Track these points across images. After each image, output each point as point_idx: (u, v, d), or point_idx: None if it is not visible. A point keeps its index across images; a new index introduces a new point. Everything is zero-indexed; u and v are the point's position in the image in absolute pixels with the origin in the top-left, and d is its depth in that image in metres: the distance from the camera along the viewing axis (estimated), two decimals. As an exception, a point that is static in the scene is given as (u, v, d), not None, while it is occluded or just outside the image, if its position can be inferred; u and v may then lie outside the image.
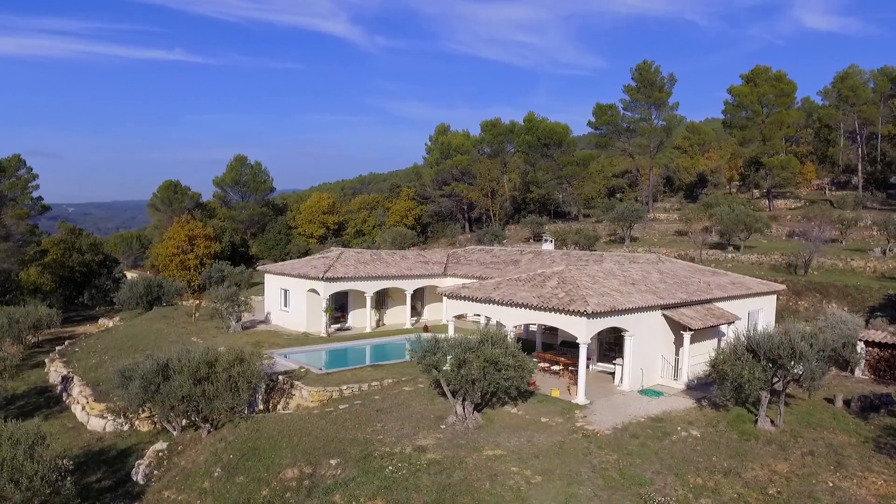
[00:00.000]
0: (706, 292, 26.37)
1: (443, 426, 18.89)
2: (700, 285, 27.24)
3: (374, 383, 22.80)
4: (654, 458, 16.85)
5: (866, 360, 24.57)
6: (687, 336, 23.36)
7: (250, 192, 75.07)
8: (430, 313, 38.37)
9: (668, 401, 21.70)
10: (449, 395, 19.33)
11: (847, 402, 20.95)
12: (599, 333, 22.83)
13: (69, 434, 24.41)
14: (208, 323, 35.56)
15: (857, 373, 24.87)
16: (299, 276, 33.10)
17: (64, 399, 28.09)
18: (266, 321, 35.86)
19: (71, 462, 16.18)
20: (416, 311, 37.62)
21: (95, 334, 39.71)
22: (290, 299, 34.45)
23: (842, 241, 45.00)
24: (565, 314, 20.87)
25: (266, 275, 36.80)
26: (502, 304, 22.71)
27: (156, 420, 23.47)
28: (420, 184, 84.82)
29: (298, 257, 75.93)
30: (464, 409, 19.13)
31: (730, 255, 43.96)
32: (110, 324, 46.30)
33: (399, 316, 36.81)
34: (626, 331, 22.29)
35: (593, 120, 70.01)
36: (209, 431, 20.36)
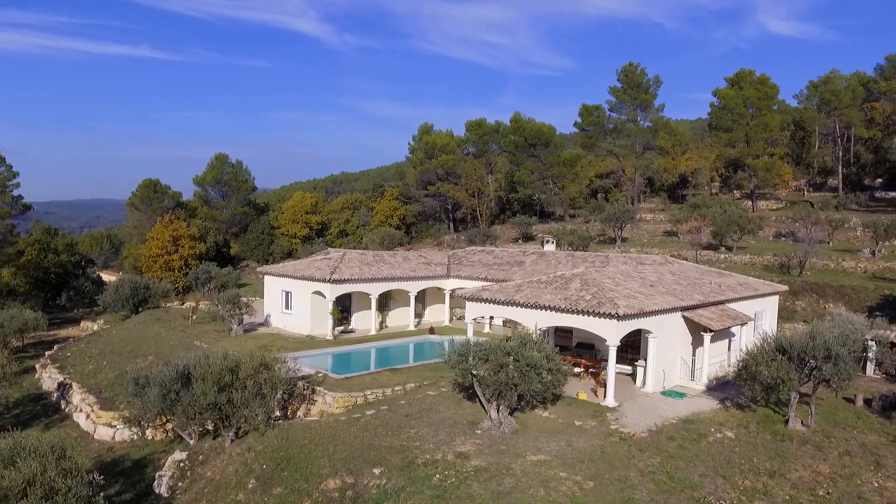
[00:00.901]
0: (719, 293, 26.61)
1: (478, 431, 18.63)
2: (711, 286, 27.47)
3: (396, 388, 22.39)
4: (696, 461, 16.87)
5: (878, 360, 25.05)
6: (707, 337, 23.52)
7: (232, 191, 73.61)
8: (432, 315, 38.04)
9: (693, 402, 21.79)
10: (483, 399, 19.07)
11: (868, 402, 21.32)
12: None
13: (75, 444, 23.43)
14: (207, 326, 34.62)
15: (870, 372, 25.36)
16: (303, 277, 32.43)
17: (63, 407, 27.05)
18: (266, 324, 35.07)
19: (102, 477, 15.42)
20: (416, 313, 37.22)
21: (84, 338, 38.37)
22: (292, 301, 33.73)
23: (829, 242, 46.00)
24: (595, 316, 20.79)
25: (266, 276, 35.98)
26: (527, 306, 22.53)
27: (168, 429, 22.71)
28: (404, 183, 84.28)
29: (283, 258, 74.89)
30: (498, 413, 18.89)
31: (723, 256, 44.58)
32: (95, 327, 44.90)
33: (402, 318, 36.40)
34: (649, 332, 22.32)
35: (579, 121, 70.46)
36: (232, 440, 19.73)
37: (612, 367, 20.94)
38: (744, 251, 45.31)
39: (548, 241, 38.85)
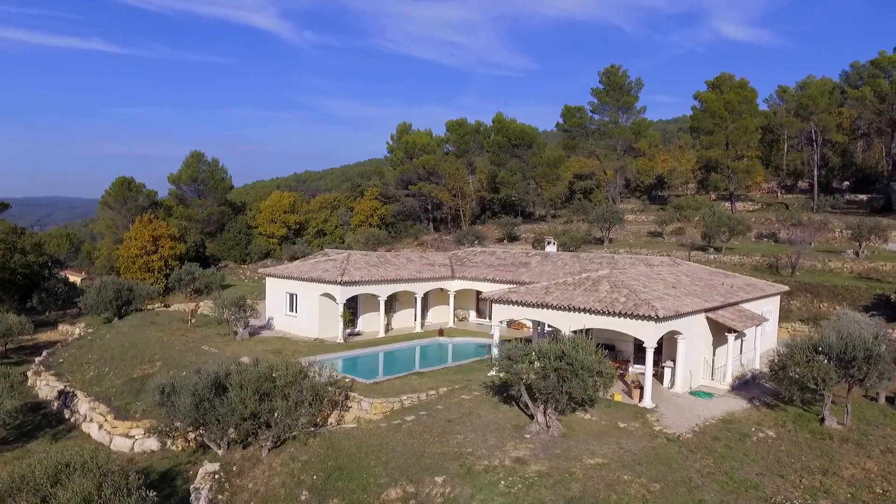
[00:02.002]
0: (733, 294, 27.14)
1: (527, 435, 18.52)
2: (724, 287, 28.00)
3: (430, 392, 22.11)
4: (747, 461, 17.12)
5: None
6: (731, 338, 23.94)
7: (209, 190, 71.69)
8: (434, 316, 37.74)
9: (722, 402, 22.13)
10: (530, 403, 18.97)
11: (889, 399, 22.02)
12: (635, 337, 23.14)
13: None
14: (208, 329, 33.62)
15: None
16: (311, 279, 31.76)
17: (67, 417, 25.85)
18: (268, 327, 34.24)
19: (155, 494, 14.71)
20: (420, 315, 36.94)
21: (72, 342, 36.79)
22: (298, 304, 33.01)
23: (811, 243, 47.45)
24: (633, 319, 20.91)
25: (268, 278, 35.11)
26: (560, 308, 22.51)
27: (189, 438, 21.89)
28: (382, 183, 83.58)
29: (260, 258, 73.47)
30: (545, 417, 18.82)
31: (712, 257, 45.53)
32: (77, 331, 43.16)
33: (406, 320, 36.07)
34: (679, 333, 22.56)
35: (561, 122, 71.12)
36: (269, 450, 19.10)
37: (650, 369, 21.11)
38: (732, 252, 46.39)
39: (549, 243, 38.97)
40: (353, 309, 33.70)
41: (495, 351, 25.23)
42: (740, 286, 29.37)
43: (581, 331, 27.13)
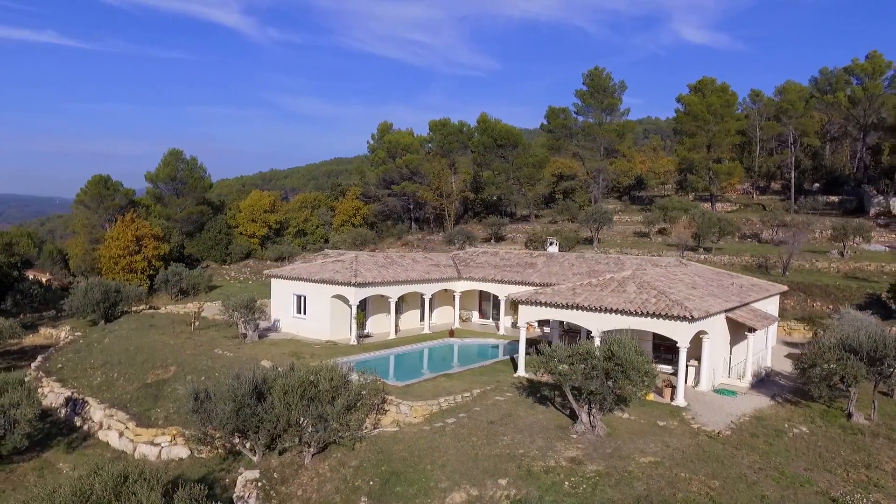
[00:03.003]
0: (745, 294, 27.86)
1: (574, 435, 18.71)
2: (735, 287, 28.72)
3: (465, 394, 22.11)
4: (790, 456, 17.65)
5: None
6: (751, 337, 24.59)
7: (188, 189, 69.98)
8: (438, 317, 37.70)
9: (747, 399, 22.73)
10: (574, 403, 19.16)
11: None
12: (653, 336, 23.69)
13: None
14: (213, 332, 32.91)
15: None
16: (322, 281, 31.37)
17: (79, 424, 24.94)
18: (274, 329, 33.68)
19: None
20: (424, 316, 36.86)
21: (64, 347, 35.46)
22: (307, 306, 32.57)
23: (801, 244, 48.95)
24: (667, 319, 21.31)
25: (273, 280, 34.53)
26: (591, 309, 22.78)
27: (217, 445, 21.38)
28: (363, 182, 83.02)
29: (242, 258, 72.14)
30: (589, 417, 19.04)
31: (702, 257, 46.59)
32: (63, 334, 41.70)
33: (412, 321, 35.96)
34: (705, 333, 23.06)
35: (545, 122, 71.79)
36: (312, 455, 18.81)
37: (683, 369, 21.55)
38: (721, 252, 47.55)
39: (550, 243, 39.34)
40: (362, 311, 33.41)
41: (522, 352, 25.44)
42: (747, 286, 30.17)
43: (568, 328, 27.51)
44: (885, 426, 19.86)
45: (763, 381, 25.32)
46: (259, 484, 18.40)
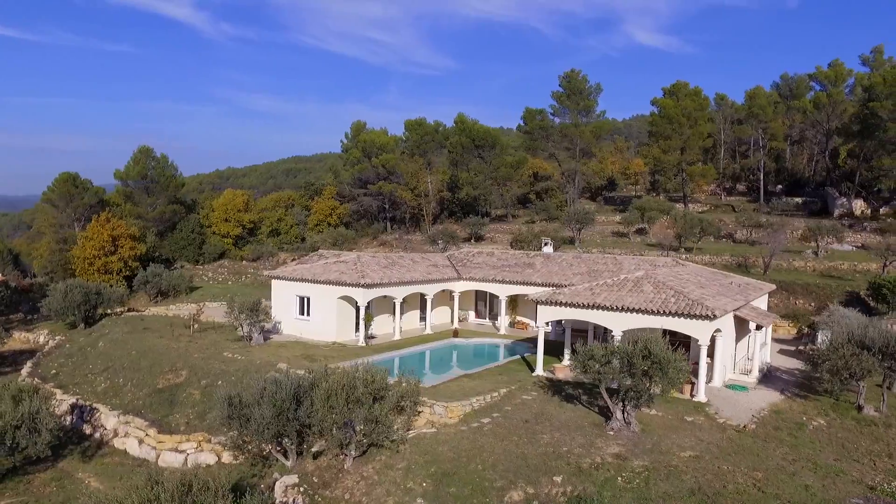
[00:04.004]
0: (745, 293, 28.97)
1: (610, 432, 19.21)
2: (734, 287, 29.82)
3: (493, 394, 22.40)
4: (817, 447, 18.56)
5: None
6: (759, 334, 25.62)
7: (159, 188, 68.14)
8: (436, 317, 37.84)
9: (759, 394, 23.71)
10: (609, 401, 19.67)
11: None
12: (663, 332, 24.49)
13: (134, 475, 21.12)
14: (215, 335, 32.30)
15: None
16: (329, 282, 31.15)
17: (90, 432, 24.16)
18: (276, 331, 33.24)
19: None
20: (422, 317, 37.02)
21: (50, 352, 34.24)
22: (311, 307, 32.28)
23: (767, 244, 50.98)
24: (688, 318, 22.03)
25: (274, 281, 34.06)
26: (612, 309, 23.35)
27: (253, 450, 21.01)
28: (337, 181, 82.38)
29: (216, 258, 70.64)
30: (623, 414, 19.58)
31: (684, 257, 48.01)
32: (41, 339, 40.21)
33: (412, 321, 36.02)
34: (719, 331, 23.92)
35: (522, 123, 72.67)
36: (354, 459, 18.76)
37: (704, 366, 22.30)
38: (702, 252, 49.12)
39: (546, 244, 39.97)
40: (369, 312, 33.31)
41: (540, 351, 25.88)
42: (743, 285, 31.34)
43: (566, 326, 28.05)
44: (895, 418, 21.02)
45: (767, 377, 26.40)
46: (300, 489, 18.29)
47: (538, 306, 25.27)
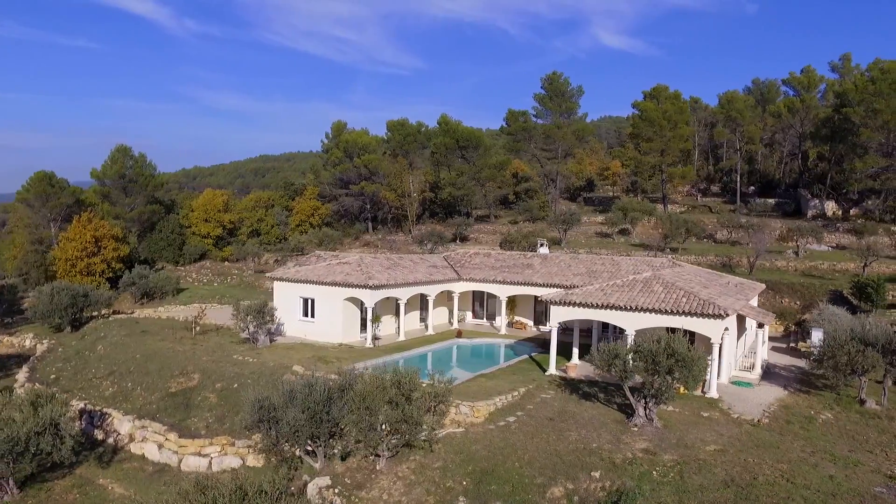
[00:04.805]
0: (742, 293, 29.99)
1: (634, 428, 19.81)
2: (731, 286, 30.83)
3: (513, 393, 22.83)
4: (831, 439, 19.46)
5: None
6: (761, 332, 26.60)
7: (138, 187, 66.75)
8: (434, 318, 38.09)
9: (763, 390, 24.63)
10: (631, 398, 20.28)
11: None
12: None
13: (158, 479, 20.95)
14: (217, 337, 31.99)
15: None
16: (335, 283, 31.16)
17: (102, 438, 23.78)
18: (278, 332, 33.05)
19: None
20: (421, 318, 37.27)
21: (46, 356, 33.44)
22: (315, 309, 32.23)
23: (749, 244, 52.63)
24: (701, 317, 22.80)
25: (277, 283, 33.88)
26: (627, 309, 24.00)
27: (278, 453, 21.00)
28: (318, 182, 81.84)
29: (197, 259, 69.51)
30: (646, 410, 20.21)
31: (670, 257, 49.21)
32: (27, 343, 39.21)
33: (411, 322, 36.21)
34: (726, 329, 24.77)
35: (505, 125, 73.35)
36: (387, 459, 18.95)
37: (717, 363, 23.08)
38: (687, 252, 50.42)
39: (541, 244, 40.60)
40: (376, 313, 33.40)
41: (553, 351, 26.38)
42: (739, 285, 32.41)
43: (567, 324, 28.60)
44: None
45: (767, 373, 27.40)
46: (335, 491, 18.41)
47: (551, 307, 25.77)
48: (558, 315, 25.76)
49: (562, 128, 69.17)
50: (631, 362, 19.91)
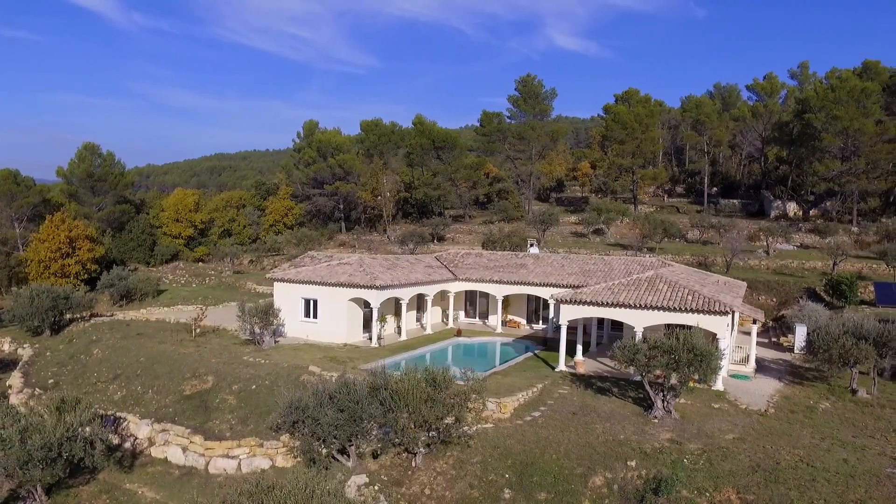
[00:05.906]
0: (733, 290, 31.55)
1: (655, 420, 20.83)
2: (722, 285, 32.38)
3: (532, 390, 23.59)
4: (835, 427, 20.87)
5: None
6: (755, 328, 28.10)
7: (107, 186, 64.98)
8: (431, 317, 38.61)
9: (761, 382, 26.10)
10: (650, 392, 21.30)
11: (880, 372, 27.30)
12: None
13: (187, 483, 20.88)
14: (217, 339, 31.73)
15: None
16: (339, 284, 31.34)
17: (118, 442, 23.44)
18: (280, 333, 33.00)
19: None
20: (417, 317, 37.72)
21: (37, 361, 32.59)
22: (318, 309, 32.33)
23: (719, 244, 54.94)
24: (708, 314, 24.03)
25: (277, 283, 33.78)
26: (635, 307, 25.06)
27: (315, 453, 21.13)
28: (290, 181, 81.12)
29: (168, 260, 68.08)
30: (664, 403, 21.27)
31: (659, 258, 50.92)
32: (6, 347, 38.04)
33: (409, 322, 36.62)
34: (728, 324, 26.13)
35: (479, 126, 74.26)
36: (423, 456, 19.42)
37: (725, 357, 24.32)
38: (664, 252, 52.22)
39: (531, 245, 41.58)
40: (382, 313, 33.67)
41: (563, 348, 27.26)
42: (727, 283, 34.01)
43: (570, 322, 29.60)
44: (887, 399, 23.79)
45: (759, 367, 28.95)
46: (375, 489, 18.79)
47: (561, 305, 26.65)
48: (568, 313, 26.65)
49: (536, 129, 70.49)
50: (653, 358, 20.89)
